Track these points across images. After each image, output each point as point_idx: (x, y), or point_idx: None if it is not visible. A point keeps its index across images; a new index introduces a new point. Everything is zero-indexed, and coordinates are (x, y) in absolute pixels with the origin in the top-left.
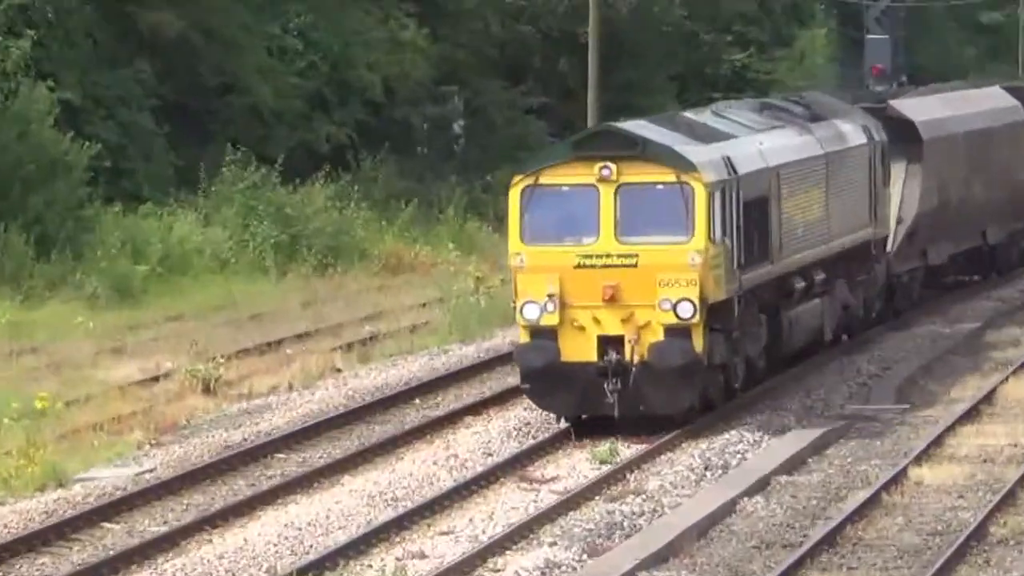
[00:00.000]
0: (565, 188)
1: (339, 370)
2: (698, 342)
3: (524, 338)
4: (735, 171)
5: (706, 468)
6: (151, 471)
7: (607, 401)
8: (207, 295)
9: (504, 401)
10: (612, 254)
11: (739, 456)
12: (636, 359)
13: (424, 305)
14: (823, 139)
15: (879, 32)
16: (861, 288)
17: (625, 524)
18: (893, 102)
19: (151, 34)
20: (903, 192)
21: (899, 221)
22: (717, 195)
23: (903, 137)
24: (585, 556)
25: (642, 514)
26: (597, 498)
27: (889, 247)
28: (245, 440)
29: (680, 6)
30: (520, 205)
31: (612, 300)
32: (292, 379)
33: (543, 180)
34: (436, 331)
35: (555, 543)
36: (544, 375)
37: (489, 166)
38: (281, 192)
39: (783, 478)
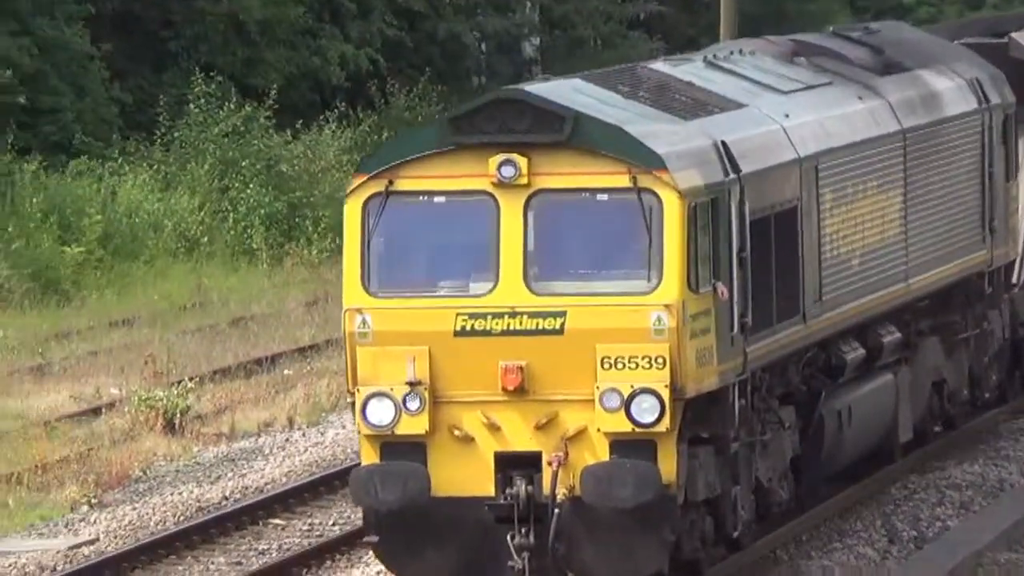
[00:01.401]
0: (440, 199)
1: None
2: (667, 464)
3: (368, 457)
4: (736, 168)
5: None
6: (91, 543)
7: (514, 567)
8: (168, 289)
9: None
10: (520, 312)
11: None
12: (562, 494)
13: None
14: (900, 105)
15: None
16: (966, 350)
17: None
18: (1018, 35)
19: None
20: None
21: None
22: (703, 209)
23: None
24: None
25: None
26: None
27: (1015, 278)
28: (226, 499)
29: None
30: (362, 228)
31: (519, 392)
32: (293, 413)
33: (402, 184)
34: None
35: None
36: (404, 521)
37: None
38: (275, 141)
39: None
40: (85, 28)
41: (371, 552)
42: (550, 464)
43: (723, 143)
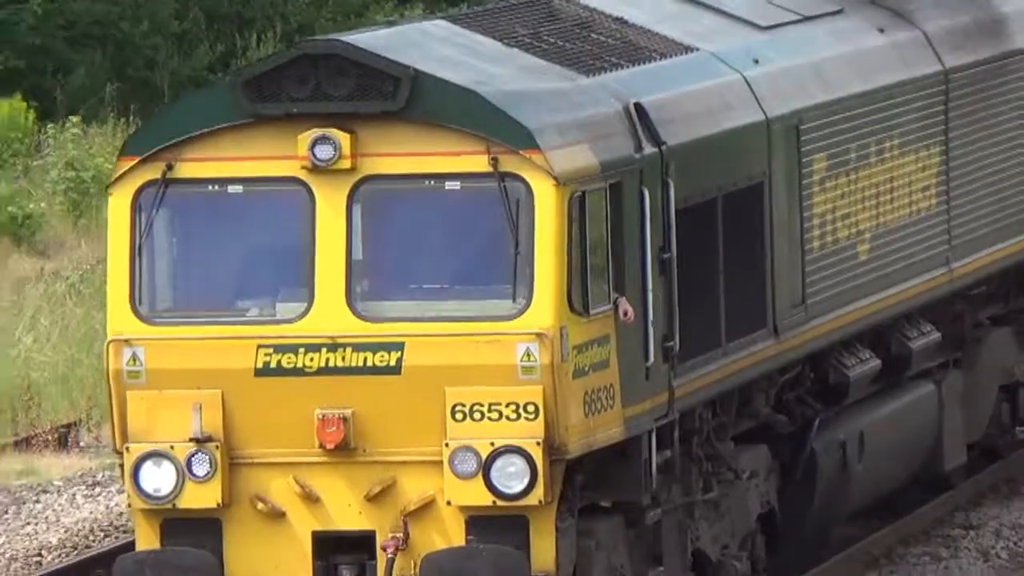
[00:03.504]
0: (234, 189)
1: None
2: (543, 549)
3: (145, 539)
4: (656, 139)
5: None
6: None
7: None
8: None
9: None
10: (342, 343)
11: None
12: None
13: None
14: (944, 36)
15: None
16: None
17: None
18: None
19: None
20: None
21: None
22: (594, 200)
23: None
24: None
25: None
26: None
27: None
28: None
29: None
30: (132, 230)
31: (343, 450)
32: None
33: (184, 170)
34: None
35: None
36: None
37: None
38: None
39: None
40: None
41: None
42: (384, 549)
43: (637, 106)
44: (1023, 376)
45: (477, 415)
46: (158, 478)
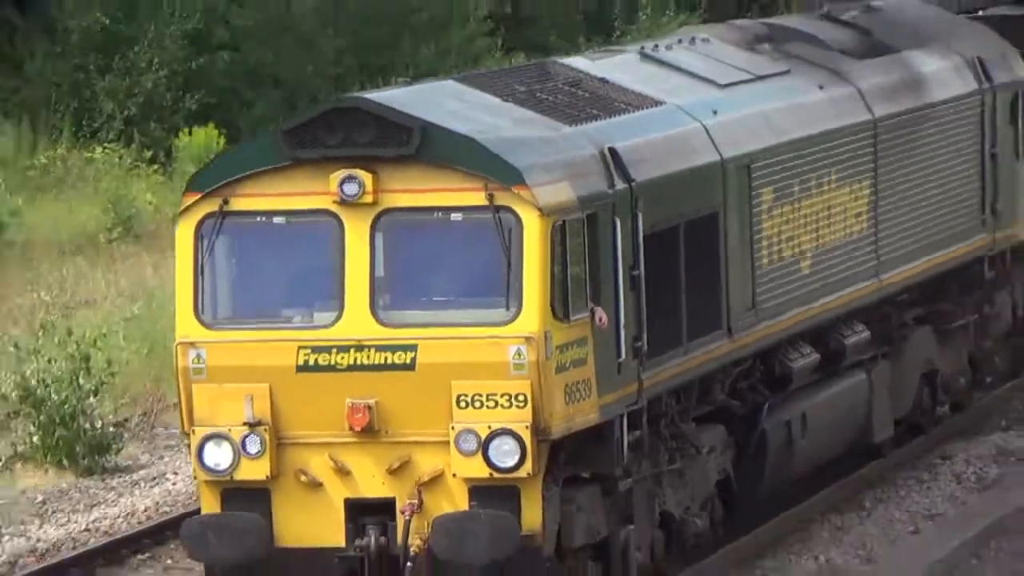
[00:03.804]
0: (278, 220)
1: None
2: (532, 513)
3: (208, 505)
4: (626, 177)
5: None
6: None
7: None
8: None
9: None
10: (367, 345)
11: None
12: (415, 546)
13: None
14: (875, 92)
15: None
16: (964, 336)
17: None
18: None
19: None
20: None
21: None
22: (573, 227)
23: None
24: None
25: None
26: None
27: None
28: None
29: None
30: (195, 253)
31: (369, 432)
32: None
33: (237, 204)
34: None
35: None
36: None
37: None
38: None
39: None
40: None
41: None
42: (403, 513)
43: (611, 150)
44: (941, 365)
45: (477, 403)
46: (218, 455)
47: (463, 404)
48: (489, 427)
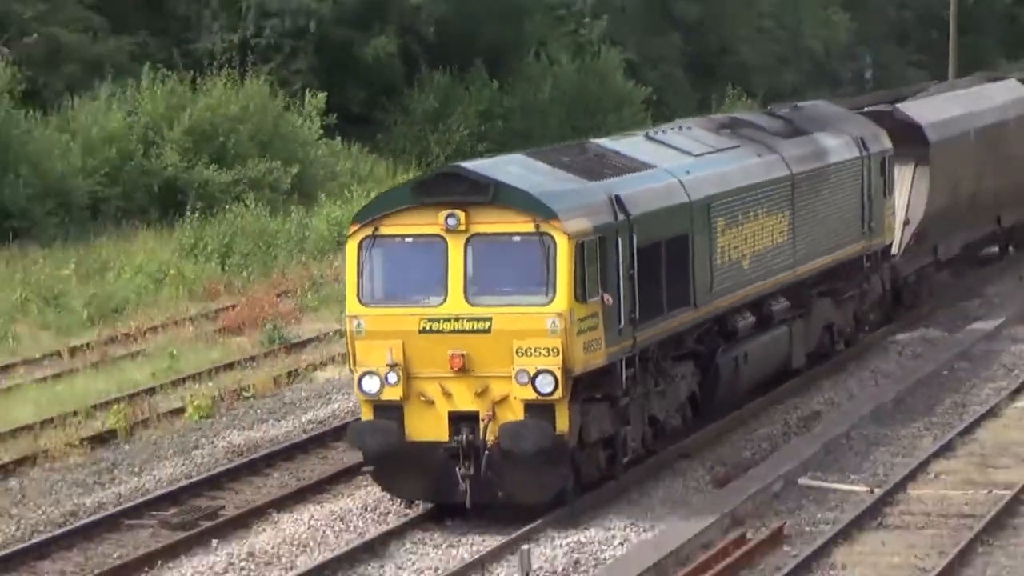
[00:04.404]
0: (408, 240)
1: None
2: (562, 421)
3: (365, 415)
4: (626, 213)
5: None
6: None
7: (459, 489)
8: None
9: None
10: (461, 317)
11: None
12: (491, 440)
13: None
14: (793, 158)
15: None
16: (852, 301)
17: None
18: (900, 105)
19: (680, 15)
20: (910, 195)
21: (906, 223)
22: (590, 245)
23: (910, 140)
24: None
25: None
26: None
27: (896, 248)
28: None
29: None
30: (358, 260)
31: (463, 371)
32: None
33: (384, 230)
34: None
35: None
36: (388, 457)
37: None
38: None
39: None
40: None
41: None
42: (483, 420)
43: (616, 196)
44: (836, 320)
45: (529, 353)
46: (371, 384)
47: (520, 354)
48: (536, 368)
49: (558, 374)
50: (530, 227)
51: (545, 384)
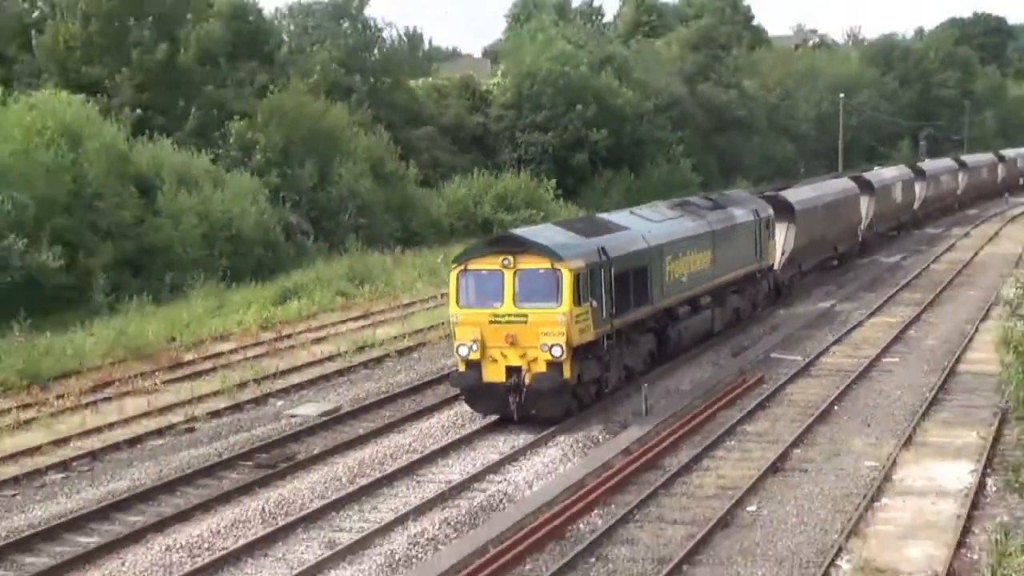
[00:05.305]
0: (483, 271)
1: None
2: (567, 371)
3: (460, 368)
4: (607, 256)
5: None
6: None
7: (511, 408)
8: None
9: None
10: (511, 314)
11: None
12: (528, 382)
13: None
14: (713, 221)
15: None
16: (750, 295)
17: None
18: (782, 192)
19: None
20: (785, 238)
21: (783, 252)
22: (584, 275)
23: (786, 209)
24: None
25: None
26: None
27: (776, 266)
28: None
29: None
30: (456, 283)
31: (512, 344)
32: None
33: (470, 266)
34: None
35: None
36: (473, 390)
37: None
38: None
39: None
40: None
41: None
42: (524, 371)
43: (602, 247)
44: (741, 306)
45: (548, 334)
46: (465, 351)
47: (543, 335)
48: (552, 342)
49: (564, 346)
50: (548, 265)
51: (556, 351)
